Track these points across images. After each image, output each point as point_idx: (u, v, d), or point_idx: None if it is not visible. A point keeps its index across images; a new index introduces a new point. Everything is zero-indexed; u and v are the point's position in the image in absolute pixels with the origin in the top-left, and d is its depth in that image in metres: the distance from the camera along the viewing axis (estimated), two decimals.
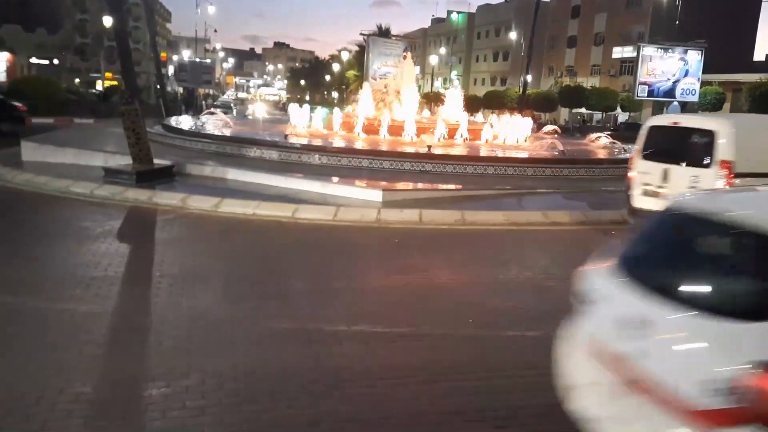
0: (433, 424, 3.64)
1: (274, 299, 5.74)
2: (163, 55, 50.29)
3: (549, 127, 24.85)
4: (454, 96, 23.22)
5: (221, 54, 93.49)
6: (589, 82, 51.62)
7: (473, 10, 77.59)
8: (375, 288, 6.35)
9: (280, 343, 4.70)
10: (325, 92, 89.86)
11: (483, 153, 16.75)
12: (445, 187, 12.13)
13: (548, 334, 3.56)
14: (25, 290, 5.74)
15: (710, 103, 37.87)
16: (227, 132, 18.24)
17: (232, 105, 51.43)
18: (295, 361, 4.36)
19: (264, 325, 5.05)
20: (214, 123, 21.32)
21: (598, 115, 48.87)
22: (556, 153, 16.86)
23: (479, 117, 21.80)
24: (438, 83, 68.50)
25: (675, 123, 8.79)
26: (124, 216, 9.48)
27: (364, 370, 4.29)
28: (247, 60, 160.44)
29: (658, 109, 44.23)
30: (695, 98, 37.33)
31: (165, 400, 3.79)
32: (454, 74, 63.33)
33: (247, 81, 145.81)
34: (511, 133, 20.08)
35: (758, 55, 54.38)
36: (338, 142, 16.43)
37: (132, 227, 9.10)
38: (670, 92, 37.43)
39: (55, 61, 70.84)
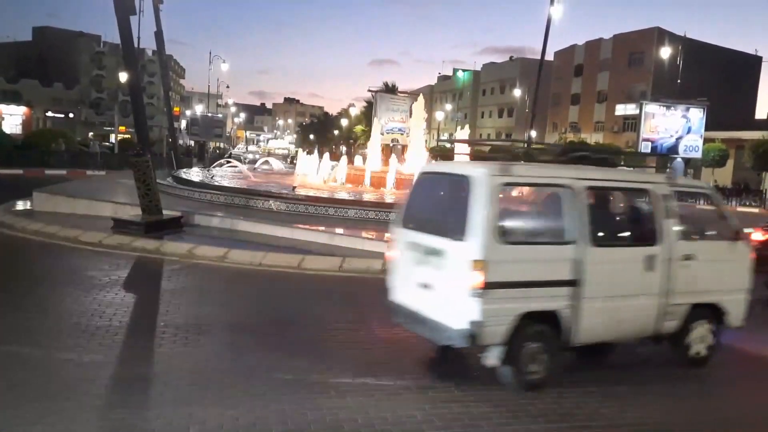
0: None
1: (279, 351, 5.70)
2: (176, 109, 51.60)
3: None
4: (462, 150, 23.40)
5: (233, 109, 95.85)
6: (592, 138, 52.32)
7: (479, 68, 79.82)
8: (384, 338, 6.30)
9: (283, 396, 4.64)
10: (334, 146, 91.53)
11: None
12: None
13: None
14: (30, 338, 5.73)
15: (714, 160, 38.18)
16: (236, 184, 18.48)
17: (242, 158, 52.95)
18: (297, 414, 4.30)
19: (268, 377, 5.00)
20: (225, 174, 21.62)
21: None
22: None
23: None
24: (444, 138, 69.61)
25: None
26: (132, 265, 9.52)
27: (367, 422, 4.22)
28: (257, 115, 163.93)
29: (662, 165, 44.67)
30: (698, 155, 37.66)
31: None
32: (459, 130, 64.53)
33: (258, 135, 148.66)
34: None
35: (760, 113, 55.23)
36: (344, 195, 16.59)
37: (138, 277, 9.12)
38: (673, 149, 37.79)
39: (71, 115, 72.77)
